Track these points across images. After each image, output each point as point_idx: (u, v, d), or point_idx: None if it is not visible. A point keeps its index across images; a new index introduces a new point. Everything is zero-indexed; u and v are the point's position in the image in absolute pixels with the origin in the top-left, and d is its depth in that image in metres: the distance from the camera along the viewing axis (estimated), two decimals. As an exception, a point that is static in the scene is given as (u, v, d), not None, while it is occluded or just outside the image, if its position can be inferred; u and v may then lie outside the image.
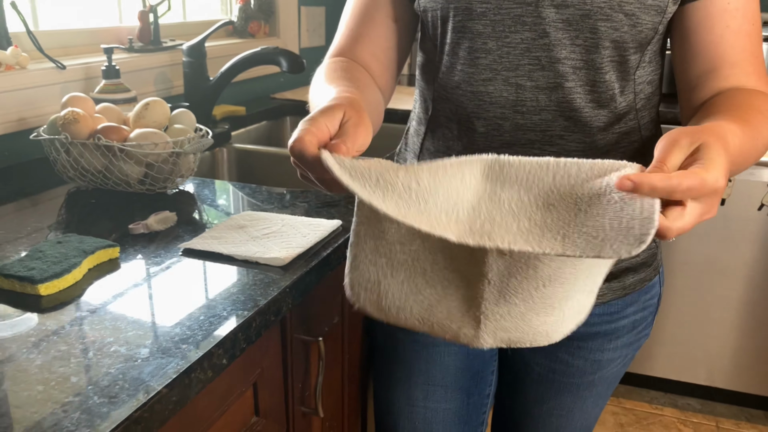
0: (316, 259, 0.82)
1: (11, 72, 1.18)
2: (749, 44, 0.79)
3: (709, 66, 0.79)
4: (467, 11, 0.79)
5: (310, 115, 0.60)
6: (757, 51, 0.80)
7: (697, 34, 0.79)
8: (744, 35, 0.79)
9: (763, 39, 0.84)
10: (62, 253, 0.76)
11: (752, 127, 0.68)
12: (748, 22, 0.79)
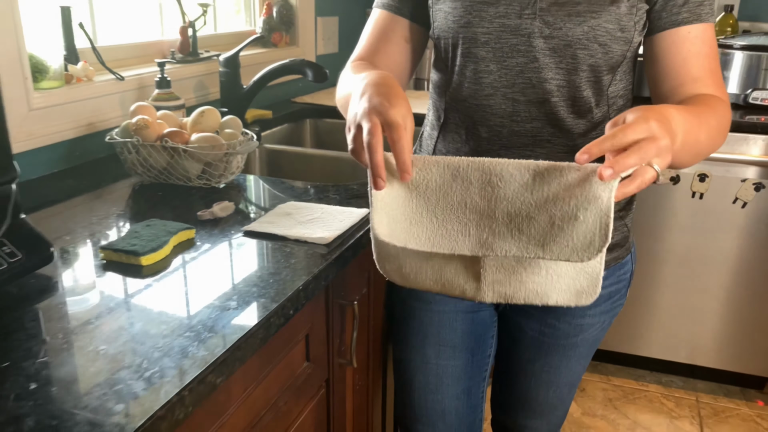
0: (351, 239, 1.02)
1: (81, 84, 1.38)
2: (708, 63, 0.99)
3: (677, 82, 0.99)
4: (473, 40, 0.99)
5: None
6: (715, 68, 1.00)
7: (666, 58, 0.99)
8: (703, 57, 0.99)
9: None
10: (153, 233, 0.96)
11: (697, 112, 0.88)
12: (706, 46, 0.99)
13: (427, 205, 0.78)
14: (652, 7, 0.98)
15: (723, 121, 0.94)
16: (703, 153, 0.93)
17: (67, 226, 1.06)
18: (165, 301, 0.81)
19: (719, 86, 0.99)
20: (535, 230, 0.76)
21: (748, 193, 2.07)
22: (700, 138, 0.88)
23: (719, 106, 0.95)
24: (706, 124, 0.89)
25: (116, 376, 0.65)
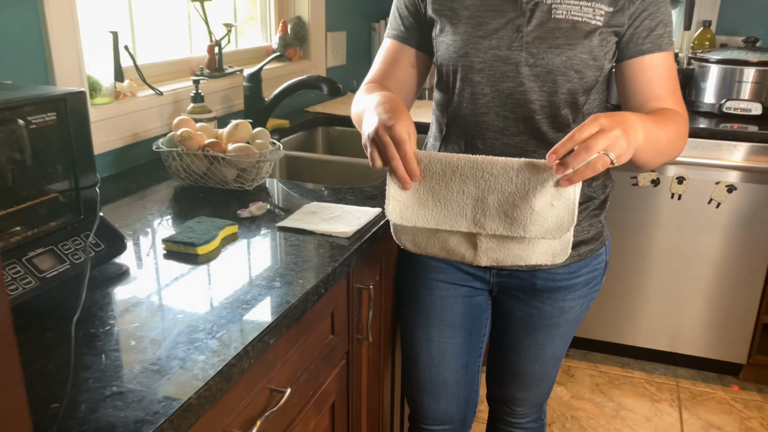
0: (368, 233, 1.21)
1: (127, 99, 1.58)
2: (669, 84, 1.19)
3: (642, 100, 1.19)
4: (470, 68, 1.19)
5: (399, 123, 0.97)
6: (674, 88, 1.20)
7: (633, 81, 1.19)
8: (665, 79, 1.19)
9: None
10: (204, 228, 1.16)
11: (655, 118, 1.09)
12: (667, 70, 1.19)
13: (432, 192, 1.01)
14: (620, 39, 1.18)
15: (680, 128, 1.14)
16: (664, 151, 1.13)
17: (128, 222, 1.26)
18: (221, 282, 1.01)
19: (679, 103, 1.19)
20: (518, 214, 0.99)
21: (721, 194, 2.27)
22: (659, 136, 1.08)
23: (677, 116, 1.15)
24: (664, 126, 1.09)
25: (195, 336, 0.85)
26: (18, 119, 0.91)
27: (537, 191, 0.96)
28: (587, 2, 1.15)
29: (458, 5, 1.19)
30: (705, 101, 2.42)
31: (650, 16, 1.16)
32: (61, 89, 0.98)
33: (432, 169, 1.00)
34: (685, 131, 1.18)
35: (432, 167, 0.99)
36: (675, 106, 1.18)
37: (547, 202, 0.97)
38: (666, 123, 1.12)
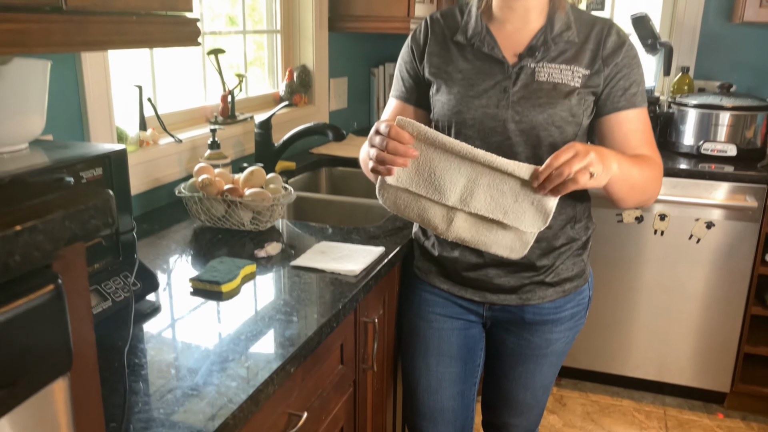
0: (373, 271, 1.35)
1: (149, 147, 1.72)
2: (643, 136, 1.34)
3: (619, 150, 1.33)
4: (463, 123, 1.33)
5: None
6: (649, 139, 1.35)
7: (611, 134, 1.34)
8: (640, 132, 1.34)
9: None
10: (226, 267, 1.29)
11: (633, 159, 1.25)
12: (641, 123, 1.34)
13: (431, 163, 1.16)
14: (597, 98, 1.33)
15: (655, 172, 1.29)
16: (639, 188, 1.28)
17: (155, 261, 1.39)
18: (244, 317, 1.14)
19: (654, 152, 1.34)
20: (503, 201, 1.15)
21: (701, 230, 2.41)
22: (633, 173, 1.24)
23: (652, 162, 1.30)
24: (638, 166, 1.24)
25: (226, 365, 0.97)
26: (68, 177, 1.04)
27: (525, 189, 1.13)
28: (566, 66, 1.31)
29: (453, 69, 1.35)
30: (684, 143, 2.58)
31: (624, 77, 1.31)
32: (107, 147, 1.12)
33: (436, 144, 1.14)
34: (660, 176, 1.33)
35: (436, 143, 1.14)
36: (651, 155, 1.33)
37: (530, 200, 1.14)
38: (641, 164, 1.27)
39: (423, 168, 1.16)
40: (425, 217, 1.22)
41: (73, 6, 0.92)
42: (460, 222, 1.20)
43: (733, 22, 2.74)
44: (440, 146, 1.14)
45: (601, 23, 1.33)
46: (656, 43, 2.70)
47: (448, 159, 1.15)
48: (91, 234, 0.60)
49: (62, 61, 1.42)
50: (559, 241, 1.38)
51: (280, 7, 2.43)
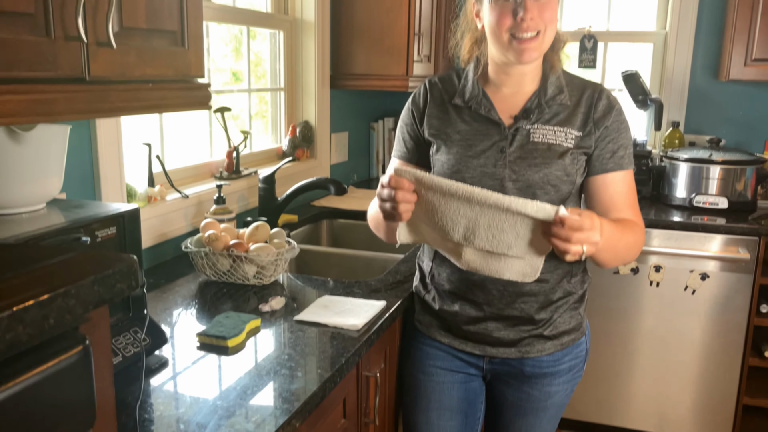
0: (375, 326, 1.38)
1: (157, 203, 1.77)
2: (628, 198, 1.40)
3: (605, 210, 1.39)
4: (462, 181, 1.38)
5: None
6: (633, 201, 1.41)
7: (598, 194, 1.40)
8: (624, 195, 1.39)
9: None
10: (232, 322, 1.32)
11: (620, 228, 1.29)
12: (627, 186, 1.40)
13: (432, 206, 1.20)
14: (589, 157, 1.39)
15: (637, 237, 1.35)
16: (620, 256, 1.34)
17: (162, 315, 1.42)
18: (250, 371, 1.16)
19: (636, 215, 1.39)
20: (505, 238, 1.18)
21: (696, 281, 2.45)
22: (618, 246, 1.29)
23: (636, 228, 1.35)
24: (624, 238, 1.29)
25: (233, 420, 1.00)
26: (84, 236, 1.09)
27: (524, 224, 1.15)
28: (560, 128, 1.37)
29: (451, 130, 1.41)
30: (677, 195, 2.65)
31: (612, 140, 1.37)
32: (121, 207, 1.17)
33: (434, 187, 1.18)
34: (641, 239, 1.38)
35: (433, 186, 1.18)
36: (633, 218, 1.38)
37: (531, 231, 1.16)
38: (624, 232, 1.32)
39: (427, 211, 1.22)
40: (440, 246, 1.28)
41: (95, 76, 0.99)
42: (469, 255, 1.24)
43: (720, 80, 2.84)
44: (438, 189, 1.18)
45: (591, 87, 1.40)
46: (647, 99, 2.79)
47: (448, 201, 1.19)
48: (117, 296, 0.64)
49: (77, 123, 1.49)
50: (556, 295, 1.42)
51: (284, 65, 2.53)
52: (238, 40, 2.34)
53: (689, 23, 2.91)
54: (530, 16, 1.27)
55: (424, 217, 1.23)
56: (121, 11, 1.03)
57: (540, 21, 1.28)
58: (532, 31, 1.28)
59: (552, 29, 1.32)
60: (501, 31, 1.30)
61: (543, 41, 1.31)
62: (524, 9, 1.27)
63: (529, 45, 1.29)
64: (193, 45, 1.20)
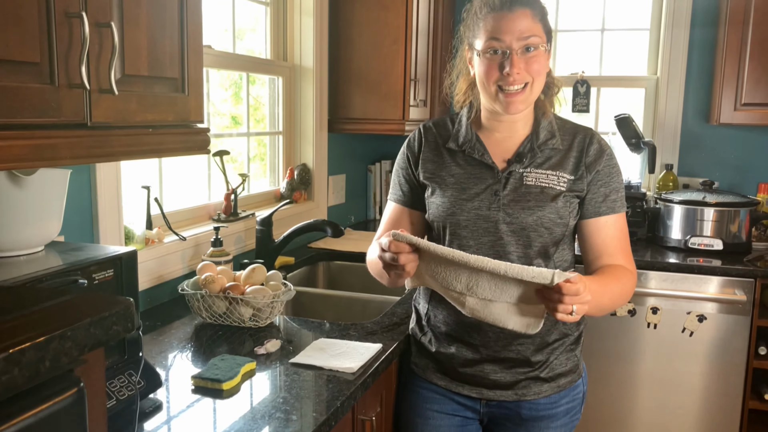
0: (371, 368, 1.38)
1: (155, 245, 1.78)
2: (619, 243, 1.41)
3: (597, 254, 1.40)
4: (457, 224, 1.41)
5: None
6: (625, 246, 1.42)
7: (591, 238, 1.41)
8: (616, 239, 1.41)
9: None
10: (227, 365, 1.32)
11: (605, 282, 1.31)
12: (618, 230, 1.41)
13: (433, 264, 1.22)
14: (581, 201, 1.41)
15: (625, 287, 1.36)
16: (605, 308, 1.35)
17: (157, 358, 1.41)
18: (245, 415, 1.16)
19: (628, 260, 1.40)
20: (508, 289, 1.18)
21: (693, 323, 2.45)
22: (602, 300, 1.30)
23: (625, 275, 1.36)
24: (610, 291, 1.31)
25: (227, 465, 0.99)
26: (82, 279, 1.09)
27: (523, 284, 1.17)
28: (553, 172, 1.39)
29: (446, 174, 1.44)
30: (672, 237, 2.67)
31: (604, 184, 1.40)
32: (119, 249, 1.18)
33: (430, 253, 1.19)
34: (629, 286, 1.38)
35: (430, 252, 1.19)
36: (624, 263, 1.40)
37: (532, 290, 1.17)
38: (610, 284, 1.33)
39: (429, 266, 1.23)
40: (446, 294, 1.27)
41: (96, 122, 1.01)
42: (473, 303, 1.24)
43: (711, 123, 2.89)
44: (434, 256, 1.20)
45: (583, 132, 1.43)
46: (640, 142, 2.84)
47: (447, 264, 1.20)
48: (113, 339, 0.65)
49: (77, 166, 1.51)
50: (552, 336, 1.42)
51: (282, 110, 2.57)
52: (237, 85, 2.39)
53: (679, 69, 2.98)
54: (516, 70, 1.31)
55: (426, 269, 1.24)
56: (124, 59, 1.06)
57: (527, 74, 1.32)
58: (519, 84, 1.32)
59: (540, 81, 1.35)
60: (489, 83, 1.34)
61: (530, 93, 1.35)
62: (511, 64, 1.30)
63: (516, 98, 1.33)
64: (193, 91, 1.23)
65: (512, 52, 1.31)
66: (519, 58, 1.31)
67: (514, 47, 1.31)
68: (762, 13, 2.59)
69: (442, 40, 3.02)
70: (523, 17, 1.31)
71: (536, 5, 1.34)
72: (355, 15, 2.65)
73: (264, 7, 2.49)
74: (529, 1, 1.33)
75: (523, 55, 1.31)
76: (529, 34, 1.31)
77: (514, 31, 1.30)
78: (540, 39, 1.33)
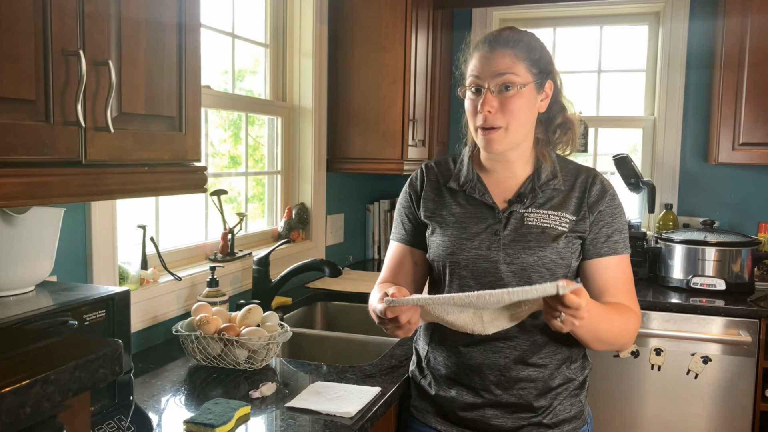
0: (369, 413, 1.33)
1: (149, 285, 1.75)
2: (622, 283, 1.38)
3: (601, 294, 1.37)
4: (457, 264, 1.38)
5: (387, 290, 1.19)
6: (628, 287, 1.39)
7: (594, 278, 1.39)
8: (619, 280, 1.38)
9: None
10: (221, 409, 1.28)
11: (608, 311, 1.28)
12: (621, 272, 1.39)
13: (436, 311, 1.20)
14: (583, 241, 1.39)
15: (628, 324, 1.32)
16: (603, 338, 1.31)
17: (149, 402, 1.37)
18: (238, 463, 1.11)
19: (631, 300, 1.37)
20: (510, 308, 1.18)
21: (698, 365, 2.40)
22: (600, 327, 1.27)
23: (628, 313, 1.33)
24: (609, 321, 1.28)
25: None
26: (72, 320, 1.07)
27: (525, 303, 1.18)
28: (554, 212, 1.38)
29: (446, 212, 1.42)
30: (674, 276, 2.64)
31: (607, 225, 1.38)
32: (111, 289, 1.15)
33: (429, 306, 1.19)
34: (634, 325, 1.35)
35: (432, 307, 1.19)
36: (627, 302, 1.37)
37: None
38: (611, 315, 1.30)
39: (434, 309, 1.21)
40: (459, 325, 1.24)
41: (91, 160, 1.00)
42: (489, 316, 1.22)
43: (710, 163, 2.89)
44: (434, 307, 1.18)
45: (585, 172, 1.42)
46: (639, 181, 2.83)
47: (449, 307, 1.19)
48: (99, 383, 0.62)
49: (72, 205, 1.49)
50: (555, 381, 1.38)
51: (281, 149, 2.57)
52: (237, 125, 2.40)
53: (676, 109, 3.00)
54: (488, 108, 1.31)
55: (432, 309, 1.22)
56: (121, 97, 1.05)
57: (501, 117, 1.32)
58: (489, 125, 1.32)
59: (518, 123, 1.33)
60: (471, 122, 1.37)
61: (507, 136, 1.34)
62: (482, 101, 1.32)
63: (492, 136, 1.33)
64: (190, 130, 1.22)
65: (486, 89, 1.32)
66: (493, 96, 1.32)
67: (489, 84, 1.32)
68: (756, 56, 2.62)
69: (440, 81, 3.05)
70: (503, 56, 1.32)
71: (520, 47, 1.33)
72: (354, 56, 2.68)
73: (264, 48, 2.52)
74: (512, 43, 1.33)
75: (499, 94, 1.32)
76: (505, 71, 1.31)
77: (490, 68, 1.32)
78: (519, 78, 1.32)
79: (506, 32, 1.36)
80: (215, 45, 2.23)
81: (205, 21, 2.11)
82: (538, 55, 1.36)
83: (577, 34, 3.28)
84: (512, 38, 1.34)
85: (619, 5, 3.09)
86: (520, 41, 1.35)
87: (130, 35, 1.06)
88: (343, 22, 2.69)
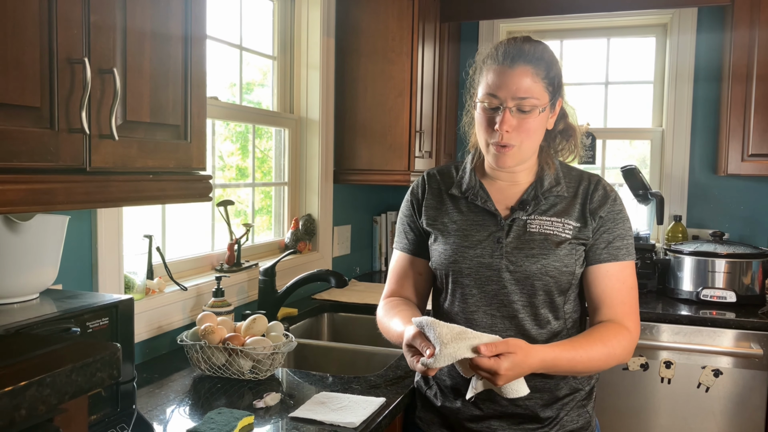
0: (373, 423, 1.32)
1: (155, 295, 1.75)
2: (620, 294, 1.36)
3: (598, 304, 1.36)
4: (459, 272, 1.37)
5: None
6: (628, 299, 1.36)
7: (593, 287, 1.37)
8: (618, 291, 1.36)
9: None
10: (224, 419, 1.27)
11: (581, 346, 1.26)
12: (621, 281, 1.37)
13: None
14: (586, 247, 1.38)
15: (613, 351, 1.28)
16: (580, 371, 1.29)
17: (153, 411, 1.37)
18: (240, 472, 1.10)
19: (628, 314, 1.34)
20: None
21: (709, 378, 2.37)
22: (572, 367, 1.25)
23: (614, 339, 1.29)
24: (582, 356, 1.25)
25: None
26: (75, 327, 1.07)
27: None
28: (558, 219, 1.37)
29: (448, 220, 1.42)
30: (683, 288, 2.61)
31: (608, 231, 1.37)
32: (114, 297, 1.15)
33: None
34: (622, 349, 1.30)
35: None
36: (623, 317, 1.33)
37: None
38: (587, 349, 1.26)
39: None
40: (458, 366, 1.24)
41: (95, 167, 1.00)
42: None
43: (719, 174, 2.87)
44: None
45: (588, 179, 1.41)
46: (647, 193, 2.81)
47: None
48: (96, 386, 0.62)
49: (78, 213, 1.50)
50: (562, 391, 1.37)
51: (288, 161, 2.58)
52: (245, 137, 2.41)
53: (684, 121, 2.99)
54: (506, 128, 1.29)
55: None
56: (126, 105, 1.06)
57: (516, 135, 1.30)
58: (505, 143, 1.31)
59: (530, 141, 1.33)
60: (481, 135, 1.35)
61: (519, 152, 1.33)
62: (501, 120, 1.29)
63: (505, 152, 1.32)
64: (195, 138, 1.23)
65: (505, 108, 1.29)
66: (512, 116, 1.30)
67: (508, 104, 1.29)
68: (765, 68, 2.61)
69: (447, 93, 3.05)
70: (524, 75, 1.28)
71: (540, 63, 1.30)
72: (361, 68, 2.69)
73: (271, 61, 2.54)
74: (532, 59, 1.29)
75: (517, 114, 1.30)
76: (526, 95, 1.28)
77: (510, 88, 1.28)
78: (538, 101, 1.29)
79: (526, 46, 1.31)
80: (223, 57, 2.25)
81: (213, 33, 2.13)
82: (554, 72, 1.34)
83: (585, 46, 3.28)
84: (532, 53, 1.30)
85: (627, 17, 3.09)
86: (541, 58, 1.31)
87: (135, 44, 1.07)
88: (350, 34, 2.70)
